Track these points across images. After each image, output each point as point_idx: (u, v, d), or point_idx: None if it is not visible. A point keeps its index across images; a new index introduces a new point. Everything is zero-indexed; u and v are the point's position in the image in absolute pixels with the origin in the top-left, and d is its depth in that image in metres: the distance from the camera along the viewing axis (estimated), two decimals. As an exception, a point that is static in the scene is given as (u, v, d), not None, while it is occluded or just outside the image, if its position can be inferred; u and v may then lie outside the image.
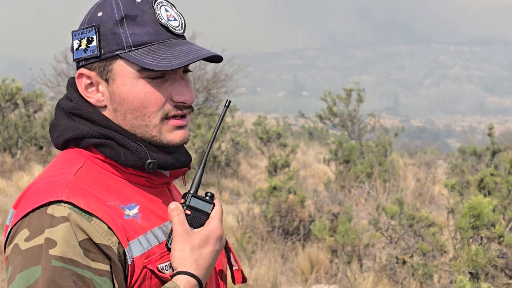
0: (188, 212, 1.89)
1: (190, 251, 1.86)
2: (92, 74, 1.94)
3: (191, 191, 1.93)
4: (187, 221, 1.88)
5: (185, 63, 1.85)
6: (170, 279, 1.87)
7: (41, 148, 17.20)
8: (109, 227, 1.79)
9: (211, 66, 23.50)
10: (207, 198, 1.94)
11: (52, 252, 1.70)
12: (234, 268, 2.21)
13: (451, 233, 9.30)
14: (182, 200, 1.95)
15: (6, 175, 15.43)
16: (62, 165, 1.96)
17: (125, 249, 1.81)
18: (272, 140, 19.48)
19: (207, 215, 1.92)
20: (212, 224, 1.91)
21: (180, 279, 1.84)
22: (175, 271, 1.87)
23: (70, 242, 1.73)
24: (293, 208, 10.80)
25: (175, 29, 1.95)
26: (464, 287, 7.37)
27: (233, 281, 2.22)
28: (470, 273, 8.02)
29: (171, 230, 1.91)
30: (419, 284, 7.77)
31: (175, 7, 2.00)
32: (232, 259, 2.22)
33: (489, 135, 14.68)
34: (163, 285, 1.85)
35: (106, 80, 1.93)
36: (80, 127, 1.94)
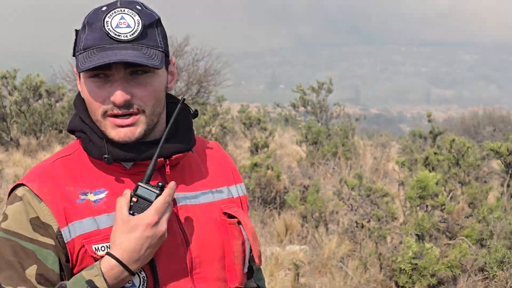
0: (135, 199, 1.76)
1: (118, 235, 1.73)
2: (75, 71, 1.86)
3: (143, 181, 1.79)
4: (134, 207, 1.75)
5: (90, 66, 1.73)
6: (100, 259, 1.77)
7: (60, 131, 17.20)
8: (50, 210, 1.77)
9: (203, 62, 23.61)
10: (157, 188, 1.78)
11: (2, 225, 1.77)
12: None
13: (401, 202, 9.33)
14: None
15: (32, 155, 15.40)
16: (58, 153, 1.96)
17: (62, 230, 1.76)
18: (253, 125, 19.48)
19: (149, 203, 1.75)
20: (146, 212, 1.73)
21: (103, 260, 1.74)
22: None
23: (18, 218, 1.76)
24: (270, 181, 10.84)
25: (118, 36, 1.78)
26: (411, 247, 7.40)
27: (257, 262, 2.10)
28: (417, 235, 8.06)
29: None
30: (375, 244, 7.80)
31: (139, 15, 1.82)
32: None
33: (429, 121, 14.82)
34: None
35: (79, 78, 1.89)
36: (72, 121, 1.93)
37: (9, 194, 1.86)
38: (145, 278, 1.83)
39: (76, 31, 1.87)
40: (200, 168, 2.06)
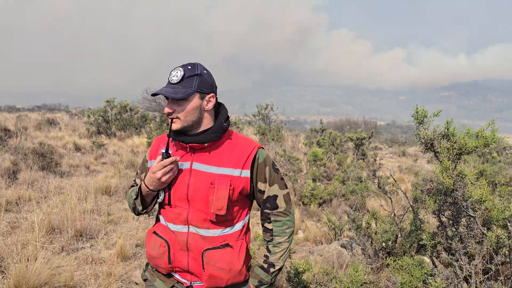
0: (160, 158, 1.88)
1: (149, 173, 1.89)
2: None
3: (165, 150, 1.86)
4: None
5: (152, 95, 1.89)
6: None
7: (136, 128, 16.97)
8: (149, 153, 2.02)
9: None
10: (165, 156, 1.83)
11: (145, 153, 2.07)
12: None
13: (305, 163, 9.35)
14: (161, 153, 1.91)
15: (122, 140, 15.14)
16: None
17: (148, 161, 2.02)
18: (233, 125, 19.33)
19: None
20: (152, 166, 1.89)
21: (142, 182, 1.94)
22: None
23: (147, 153, 2.05)
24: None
25: (171, 81, 1.83)
26: (310, 184, 7.44)
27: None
28: (313, 179, 8.08)
29: None
30: (292, 184, 7.79)
31: (183, 69, 1.83)
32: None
33: (321, 123, 14.81)
34: None
35: None
36: None
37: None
38: (164, 195, 1.92)
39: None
40: (222, 153, 1.89)
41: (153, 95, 1.88)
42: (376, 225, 4.06)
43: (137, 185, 2.05)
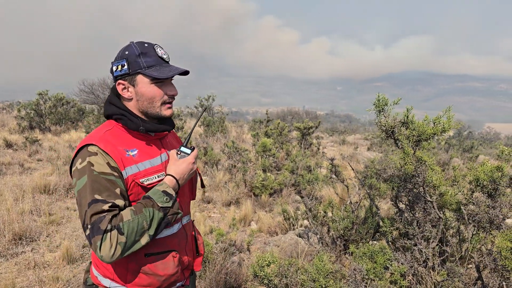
0: (179, 153, 1.80)
1: (173, 166, 1.75)
2: (125, 83, 1.73)
3: (183, 144, 1.83)
4: (178, 157, 1.79)
5: (173, 75, 1.71)
6: (146, 186, 1.70)
7: (73, 123, 15.97)
8: (114, 159, 1.65)
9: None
10: (191, 148, 1.82)
11: (94, 168, 1.61)
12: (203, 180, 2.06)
13: (254, 154, 9.33)
14: (177, 147, 1.92)
15: (57, 136, 14.21)
16: (102, 128, 1.75)
17: (122, 171, 1.65)
18: (175, 117, 18.89)
19: (188, 155, 1.80)
20: (189, 156, 1.79)
21: (166, 178, 1.72)
22: (166, 175, 1.75)
23: (100, 163, 1.63)
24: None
25: (165, 59, 1.76)
26: (260, 175, 7.42)
27: (202, 186, 2.12)
28: (263, 169, 8.08)
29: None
30: (242, 175, 7.74)
31: (163, 49, 1.79)
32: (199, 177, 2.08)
33: (266, 113, 14.87)
34: (144, 191, 1.70)
35: (133, 85, 1.73)
36: (111, 109, 1.77)
37: (79, 151, 1.68)
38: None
39: (126, 58, 1.71)
40: (169, 135, 2.01)
41: (160, 77, 1.73)
42: (332, 213, 4.10)
43: (117, 207, 1.60)
